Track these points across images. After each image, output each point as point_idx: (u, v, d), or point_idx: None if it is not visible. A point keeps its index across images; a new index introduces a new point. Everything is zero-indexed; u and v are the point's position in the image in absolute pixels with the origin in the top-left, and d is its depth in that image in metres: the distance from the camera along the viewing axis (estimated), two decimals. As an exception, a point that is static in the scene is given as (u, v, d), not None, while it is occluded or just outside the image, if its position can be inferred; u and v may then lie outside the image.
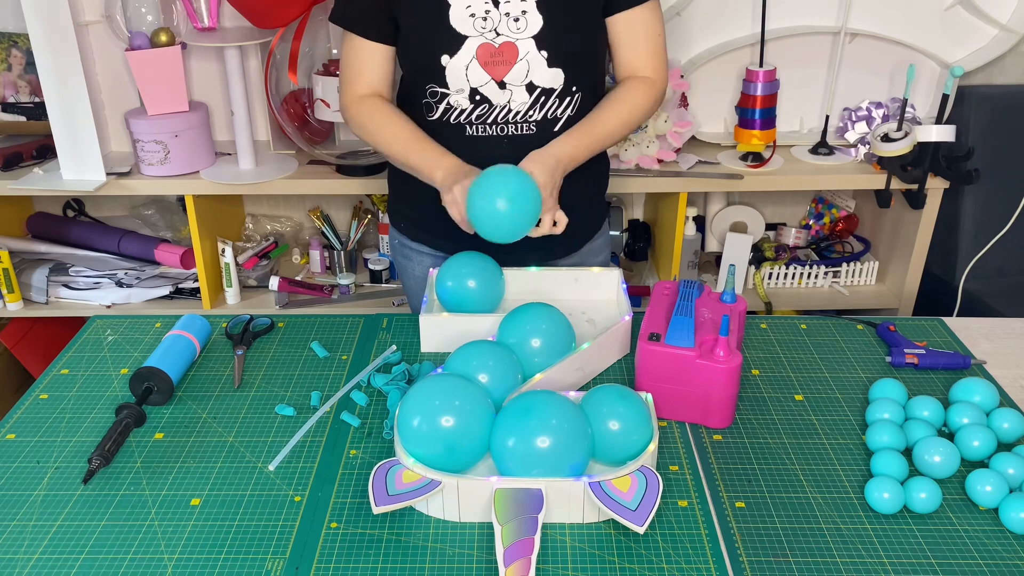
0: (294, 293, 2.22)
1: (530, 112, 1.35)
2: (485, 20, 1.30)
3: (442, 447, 0.99)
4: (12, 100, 2.19)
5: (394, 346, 1.31)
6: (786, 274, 2.26)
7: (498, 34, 1.31)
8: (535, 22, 1.30)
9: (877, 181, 2.06)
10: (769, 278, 2.26)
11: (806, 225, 2.42)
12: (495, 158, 1.33)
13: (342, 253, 2.28)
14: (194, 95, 2.20)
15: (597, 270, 1.41)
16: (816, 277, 2.27)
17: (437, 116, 1.38)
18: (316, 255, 2.32)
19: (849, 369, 1.27)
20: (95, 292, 2.17)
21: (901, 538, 0.96)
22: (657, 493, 0.95)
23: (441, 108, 1.37)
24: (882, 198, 2.07)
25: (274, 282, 2.19)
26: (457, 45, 1.32)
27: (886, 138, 2.00)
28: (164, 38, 1.98)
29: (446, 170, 1.32)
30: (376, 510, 0.94)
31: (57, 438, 1.13)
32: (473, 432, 1.00)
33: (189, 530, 0.98)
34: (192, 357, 1.27)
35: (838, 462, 1.08)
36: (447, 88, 1.35)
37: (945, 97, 1.98)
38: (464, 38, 1.31)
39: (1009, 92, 2.22)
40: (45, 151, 2.13)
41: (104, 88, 2.19)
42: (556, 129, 1.37)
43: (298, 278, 2.28)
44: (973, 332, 1.37)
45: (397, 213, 1.56)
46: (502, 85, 1.34)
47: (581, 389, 1.21)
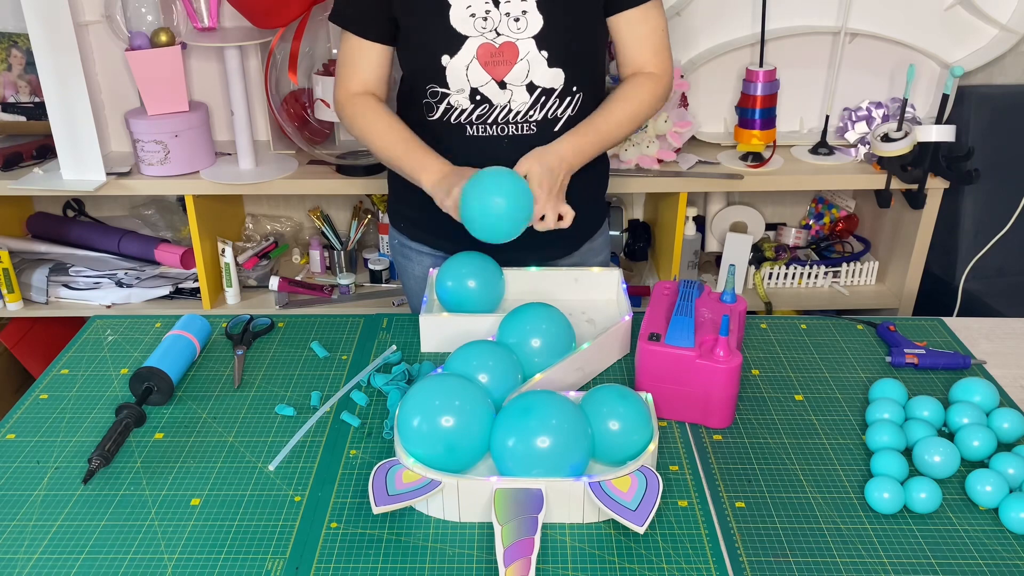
0: (294, 293, 2.22)
1: (530, 112, 1.35)
2: (485, 20, 1.30)
3: (442, 447, 0.99)
4: (12, 100, 2.19)
5: (394, 346, 1.31)
6: (786, 274, 2.26)
7: (498, 34, 1.31)
8: (535, 22, 1.30)
9: (877, 181, 2.06)
10: (769, 278, 2.26)
11: (806, 225, 2.42)
12: (495, 158, 1.33)
13: (342, 253, 2.28)
14: (194, 95, 2.20)
15: (597, 270, 1.41)
16: (816, 277, 2.27)
17: (437, 116, 1.38)
18: (316, 255, 2.31)
19: (849, 369, 1.27)
20: (95, 292, 2.17)
21: (901, 538, 0.96)
22: (657, 493, 0.95)
23: (441, 108, 1.37)
24: (882, 198, 2.07)
25: (274, 282, 2.19)
26: (457, 45, 1.32)
27: (886, 138, 2.00)
28: (164, 38, 1.98)
29: (432, 174, 1.32)
30: (376, 510, 0.94)
31: (57, 438, 1.13)
32: (473, 432, 1.00)
33: (189, 530, 0.98)
34: (192, 357, 1.27)
35: (838, 462, 1.08)
36: (447, 88, 1.35)
37: (945, 97, 1.98)
38: (464, 38, 1.31)
39: (1009, 92, 2.22)
40: (45, 151, 2.13)
41: (104, 88, 2.19)
42: (556, 129, 1.37)
43: (298, 278, 2.28)
44: (973, 332, 1.37)
45: (397, 213, 1.56)
46: (502, 85, 1.34)
47: (581, 389, 1.21)
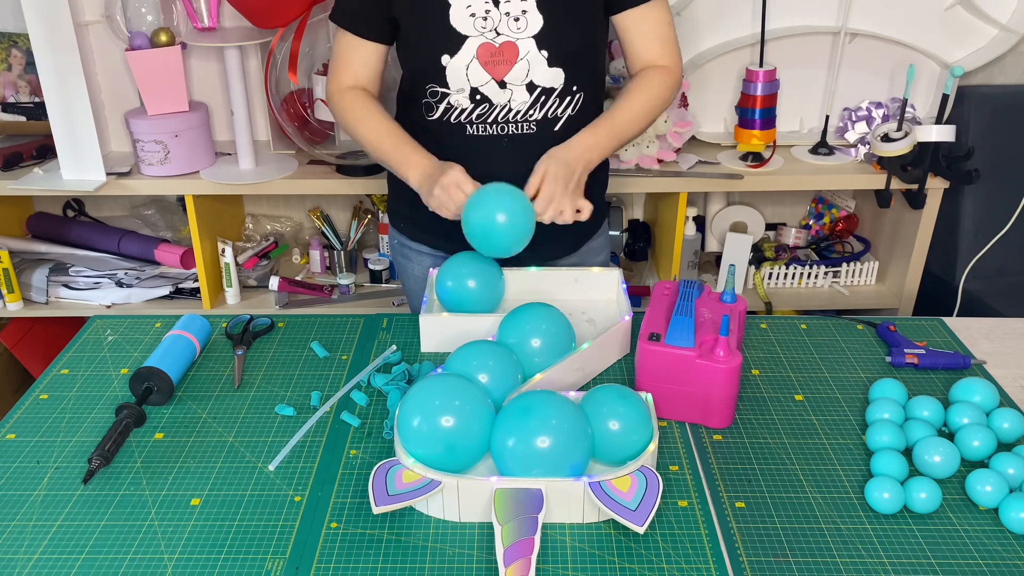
0: (294, 293, 2.22)
1: (530, 112, 1.35)
2: (485, 20, 1.30)
3: (442, 447, 0.99)
4: (12, 100, 2.19)
5: (394, 346, 1.31)
6: (786, 274, 2.26)
7: (498, 34, 1.31)
8: (535, 22, 1.30)
9: (877, 181, 2.06)
10: (769, 278, 2.26)
11: (806, 225, 2.42)
12: (495, 158, 1.33)
13: (342, 253, 2.28)
14: (194, 95, 2.20)
15: (597, 270, 1.41)
16: (816, 277, 2.27)
17: (437, 116, 1.37)
18: (316, 255, 2.31)
19: (849, 369, 1.27)
20: (95, 292, 2.17)
21: (901, 538, 0.96)
22: (657, 493, 0.95)
23: (441, 108, 1.37)
24: (882, 198, 2.07)
25: (274, 282, 2.19)
26: (457, 45, 1.32)
27: (886, 138, 2.00)
28: (164, 38, 1.98)
29: (417, 170, 1.33)
30: (376, 510, 0.94)
31: (57, 438, 1.13)
32: (473, 432, 1.00)
33: (189, 530, 0.98)
34: (192, 357, 1.27)
35: (838, 462, 1.08)
36: (447, 88, 1.35)
37: (945, 97, 1.98)
38: (464, 38, 1.31)
39: (1009, 92, 2.22)
40: (45, 151, 2.13)
41: (104, 88, 2.19)
42: (556, 129, 1.37)
43: (298, 278, 2.28)
44: (973, 332, 1.37)
45: (397, 213, 1.56)
46: (502, 85, 1.33)
47: (581, 389, 1.21)
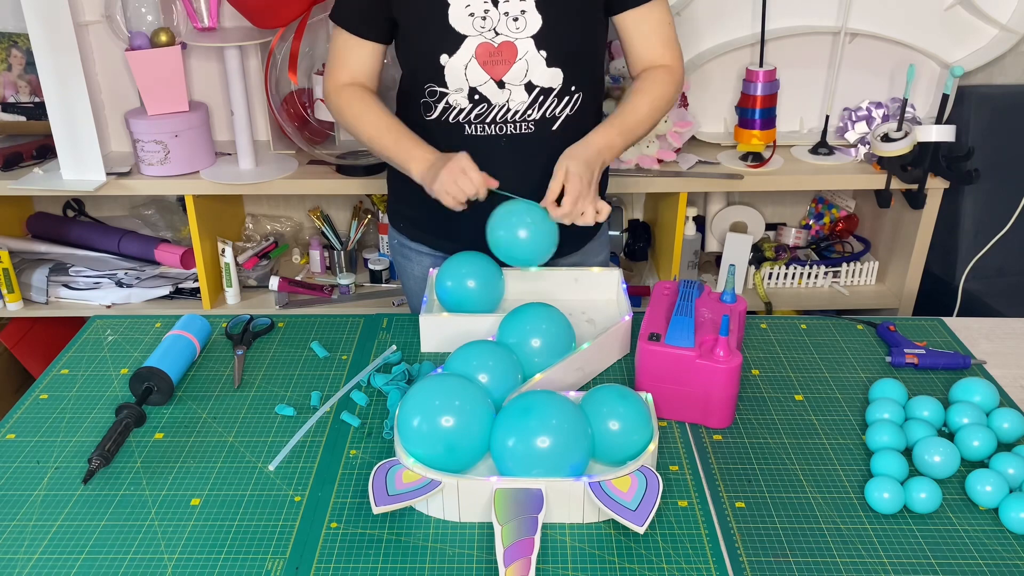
0: (294, 293, 2.22)
1: (529, 111, 1.35)
2: (484, 19, 1.30)
3: (442, 447, 0.99)
4: (12, 100, 2.19)
5: (394, 346, 1.31)
6: (786, 274, 2.26)
7: (497, 33, 1.31)
8: (534, 21, 1.30)
9: (877, 181, 2.06)
10: (769, 278, 2.26)
11: (806, 225, 2.42)
12: (494, 157, 1.33)
13: (342, 253, 2.28)
14: (194, 95, 2.20)
15: (597, 270, 1.41)
16: (816, 277, 2.27)
17: (436, 115, 1.37)
18: (316, 255, 2.31)
19: (849, 369, 1.27)
20: (95, 292, 2.17)
21: (901, 538, 0.96)
22: (657, 493, 0.95)
23: (440, 107, 1.37)
24: (882, 198, 2.07)
25: (274, 282, 2.19)
26: (456, 44, 1.32)
27: (886, 138, 2.00)
28: (164, 38, 1.98)
29: (420, 163, 1.33)
30: (376, 510, 0.94)
31: (57, 438, 1.13)
32: (473, 432, 1.00)
33: (189, 530, 0.98)
34: (192, 357, 1.27)
35: (838, 462, 1.08)
36: (446, 87, 1.35)
37: (945, 97, 1.98)
38: (463, 37, 1.31)
39: (1009, 92, 2.22)
40: (45, 151, 2.13)
41: (104, 88, 2.19)
42: (554, 128, 1.37)
43: (298, 278, 2.28)
44: (973, 332, 1.37)
45: (397, 213, 1.56)
46: (501, 84, 1.33)
47: (581, 389, 1.21)
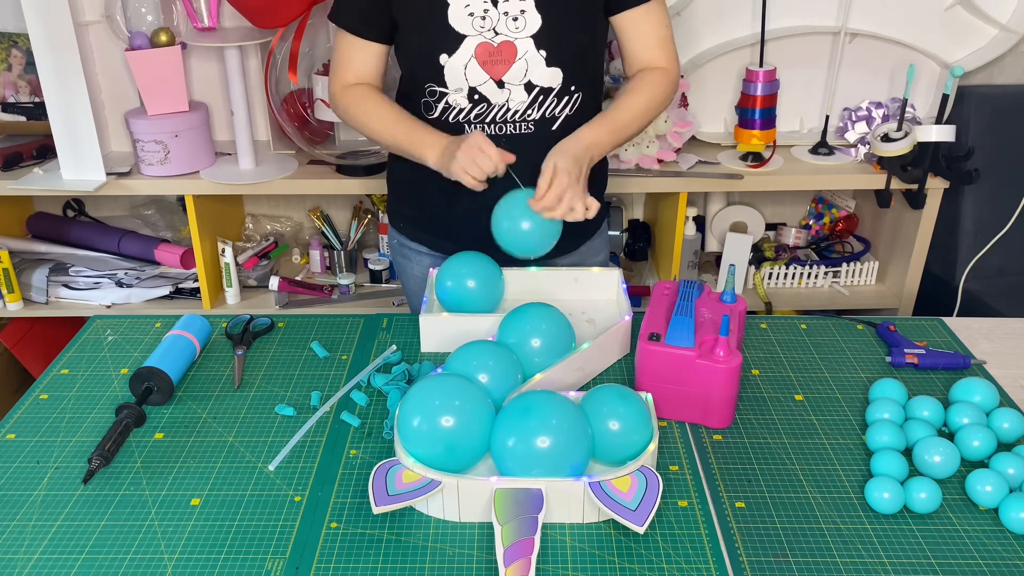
0: (294, 293, 2.22)
1: (529, 111, 1.35)
2: (484, 19, 1.30)
3: (442, 447, 0.99)
4: (12, 100, 2.19)
5: (394, 346, 1.31)
6: (786, 274, 2.26)
7: (497, 33, 1.31)
8: (534, 21, 1.30)
9: (877, 181, 2.06)
10: (769, 278, 2.26)
11: (806, 225, 2.42)
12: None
13: (342, 253, 2.28)
14: (194, 95, 2.20)
15: (597, 270, 1.41)
16: (816, 277, 2.27)
17: (436, 115, 1.37)
18: (316, 255, 2.31)
19: (849, 369, 1.27)
20: (95, 292, 2.17)
21: (901, 538, 0.96)
22: (657, 493, 0.95)
23: (440, 107, 1.37)
24: (882, 198, 2.07)
25: (274, 282, 2.19)
26: (456, 44, 1.32)
27: (886, 138, 2.00)
28: (164, 38, 1.98)
29: (434, 149, 1.32)
30: (376, 510, 0.94)
31: (57, 438, 1.13)
32: (473, 432, 1.00)
33: (189, 530, 0.98)
34: (192, 357, 1.27)
35: (838, 462, 1.08)
36: (446, 87, 1.35)
37: (945, 97, 1.98)
38: (463, 37, 1.31)
39: (1009, 92, 2.22)
40: (45, 151, 2.13)
41: (104, 88, 2.19)
42: (554, 128, 1.37)
43: (298, 278, 2.28)
44: (973, 332, 1.37)
45: (397, 213, 1.56)
46: (500, 84, 1.33)
47: (581, 389, 1.21)
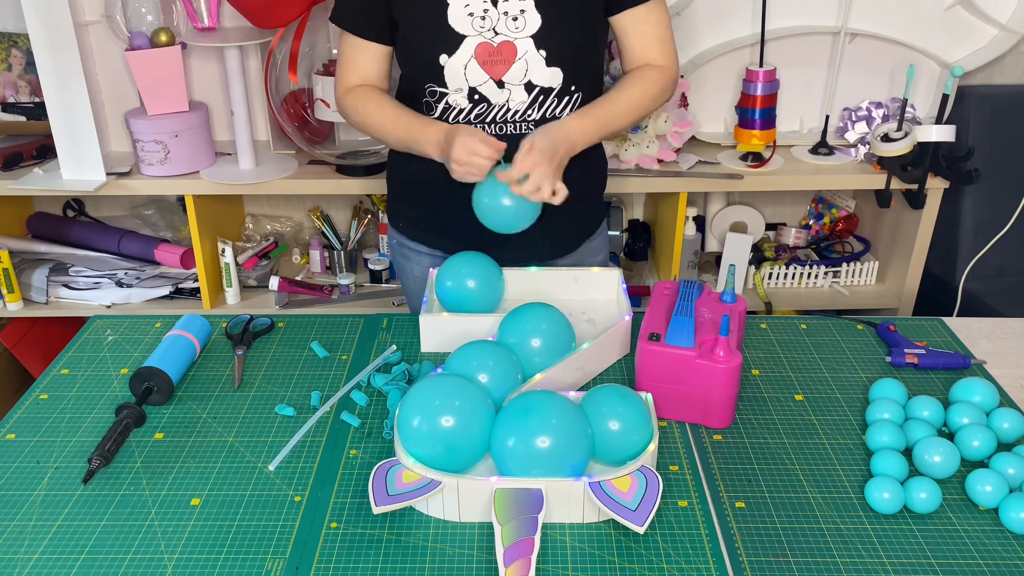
0: (294, 293, 2.22)
1: (529, 111, 1.35)
2: (484, 19, 1.30)
3: (442, 447, 0.99)
4: (12, 100, 2.19)
5: (394, 346, 1.31)
6: (786, 274, 2.26)
7: (496, 33, 1.31)
8: (534, 21, 1.30)
9: (877, 181, 2.06)
10: (769, 278, 2.26)
11: (806, 225, 2.42)
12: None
13: (342, 253, 2.28)
14: (194, 95, 2.20)
15: (597, 270, 1.41)
16: (816, 277, 2.27)
17: (436, 115, 1.37)
18: (316, 255, 2.31)
19: (849, 369, 1.27)
20: (95, 292, 2.17)
21: (901, 538, 0.96)
22: (657, 493, 0.95)
23: (440, 107, 1.37)
24: (882, 198, 2.07)
25: (274, 282, 2.19)
26: (455, 44, 1.32)
27: (886, 138, 2.00)
28: (164, 38, 1.98)
29: (434, 147, 1.31)
30: (376, 510, 0.94)
31: (57, 438, 1.13)
32: (473, 432, 1.00)
33: (189, 530, 0.98)
34: (192, 357, 1.27)
35: (838, 462, 1.08)
36: (446, 87, 1.35)
37: (945, 97, 1.98)
38: (462, 37, 1.31)
39: (1009, 92, 2.22)
40: (45, 151, 2.13)
41: (104, 88, 2.19)
42: (555, 128, 1.37)
43: (298, 278, 2.28)
44: (973, 332, 1.37)
45: (396, 213, 1.56)
46: (500, 84, 1.33)
47: (581, 389, 1.21)
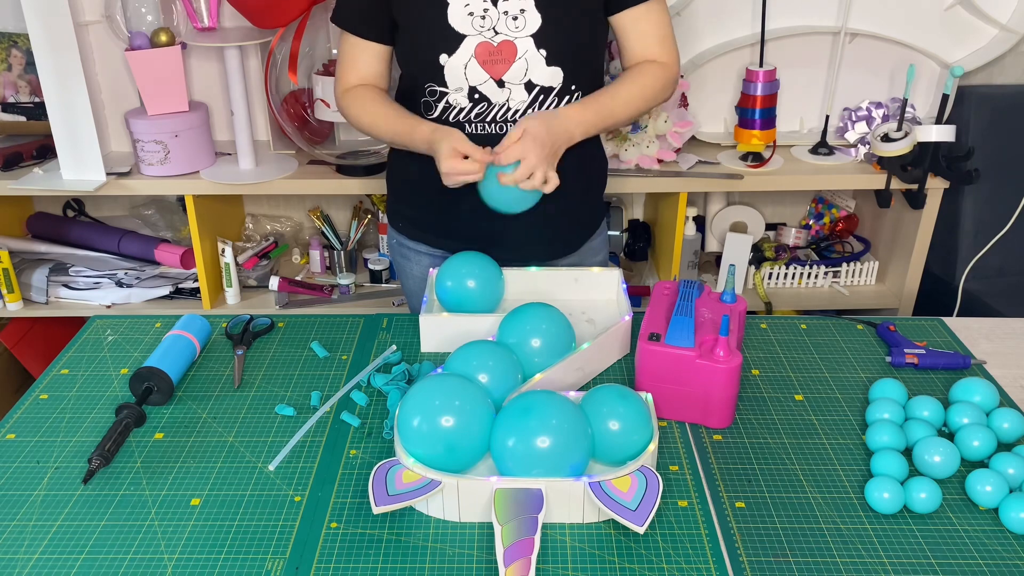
0: (294, 293, 2.22)
1: (529, 111, 1.35)
2: (484, 19, 1.30)
3: (442, 447, 0.99)
4: (12, 100, 2.19)
5: (394, 346, 1.31)
6: (786, 274, 2.26)
7: (497, 32, 1.31)
8: (534, 20, 1.30)
9: (877, 181, 2.06)
10: (769, 278, 2.26)
11: (806, 225, 2.42)
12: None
13: (342, 253, 2.28)
14: (194, 95, 2.20)
15: (597, 270, 1.41)
16: (816, 277, 2.27)
17: (436, 115, 1.37)
18: (316, 255, 2.31)
19: (849, 369, 1.27)
20: (95, 292, 2.17)
21: (901, 538, 0.96)
22: (657, 493, 0.95)
23: (440, 107, 1.37)
24: (882, 198, 2.07)
25: (274, 282, 2.19)
26: (456, 44, 1.32)
27: (886, 138, 2.00)
28: (164, 38, 1.98)
29: (424, 145, 1.32)
30: (376, 510, 0.94)
31: (57, 438, 1.13)
32: (473, 432, 1.00)
33: (189, 530, 0.98)
34: (192, 357, 1.27)
35: (838, 462, 1.08)
36: (446, 87, 1.35)
37: (945, 97, 1.98)
38: (463, 37, 1.31)
39: (1009, 92, 2.22)
40: (45, 151, 2.13)
41: (104, 88, 2.19)
42: (555, 128, 1.37)
43: (298, 278, 2.28)
44: (973, 332, 1.37)
45: (396, 213, 1.56)
46: (501, 84, 1.33)
47: (581, 389, 1.21)
